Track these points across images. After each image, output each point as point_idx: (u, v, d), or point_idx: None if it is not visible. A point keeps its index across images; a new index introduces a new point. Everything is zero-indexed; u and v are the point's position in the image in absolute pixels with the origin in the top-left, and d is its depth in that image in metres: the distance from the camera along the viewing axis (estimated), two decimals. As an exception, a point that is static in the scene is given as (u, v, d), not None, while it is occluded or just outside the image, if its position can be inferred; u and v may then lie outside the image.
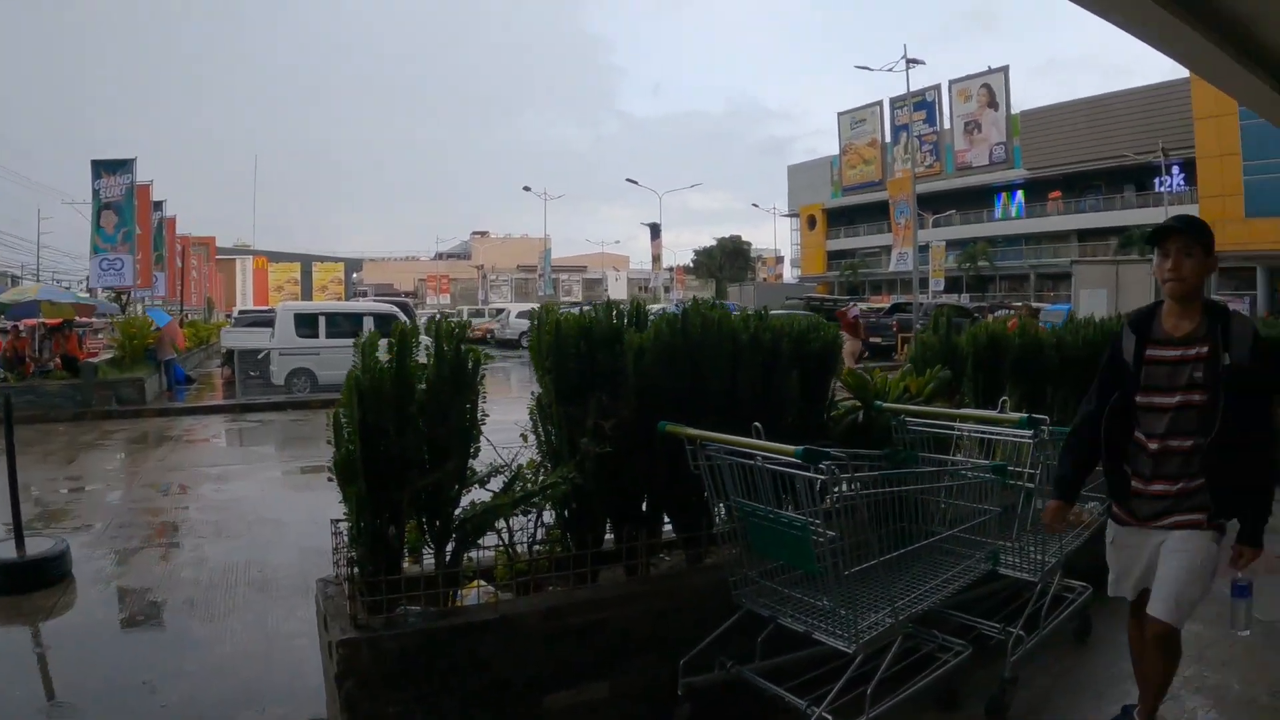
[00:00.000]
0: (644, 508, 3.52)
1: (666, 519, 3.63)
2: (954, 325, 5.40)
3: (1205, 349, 2.78)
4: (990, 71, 62.65)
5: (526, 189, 60.41)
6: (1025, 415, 3.48)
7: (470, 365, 3.06)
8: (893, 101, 62.20)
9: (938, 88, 64.57)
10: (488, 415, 3.12)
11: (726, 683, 3.19)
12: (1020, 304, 27.82)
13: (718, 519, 3.22)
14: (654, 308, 5.91)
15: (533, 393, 3.55)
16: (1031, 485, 3.46)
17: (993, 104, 62.40)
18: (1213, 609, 3.42)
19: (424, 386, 2.98)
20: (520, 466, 3.35)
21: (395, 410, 2.91)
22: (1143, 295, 18.25)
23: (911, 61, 30.68)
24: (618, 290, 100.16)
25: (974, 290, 63.37)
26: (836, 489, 2.71)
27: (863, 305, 35.86)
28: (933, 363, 4.76)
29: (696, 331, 3.45)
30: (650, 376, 3.37)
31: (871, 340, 24.80)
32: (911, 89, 37.63)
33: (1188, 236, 2.82)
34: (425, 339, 3.08)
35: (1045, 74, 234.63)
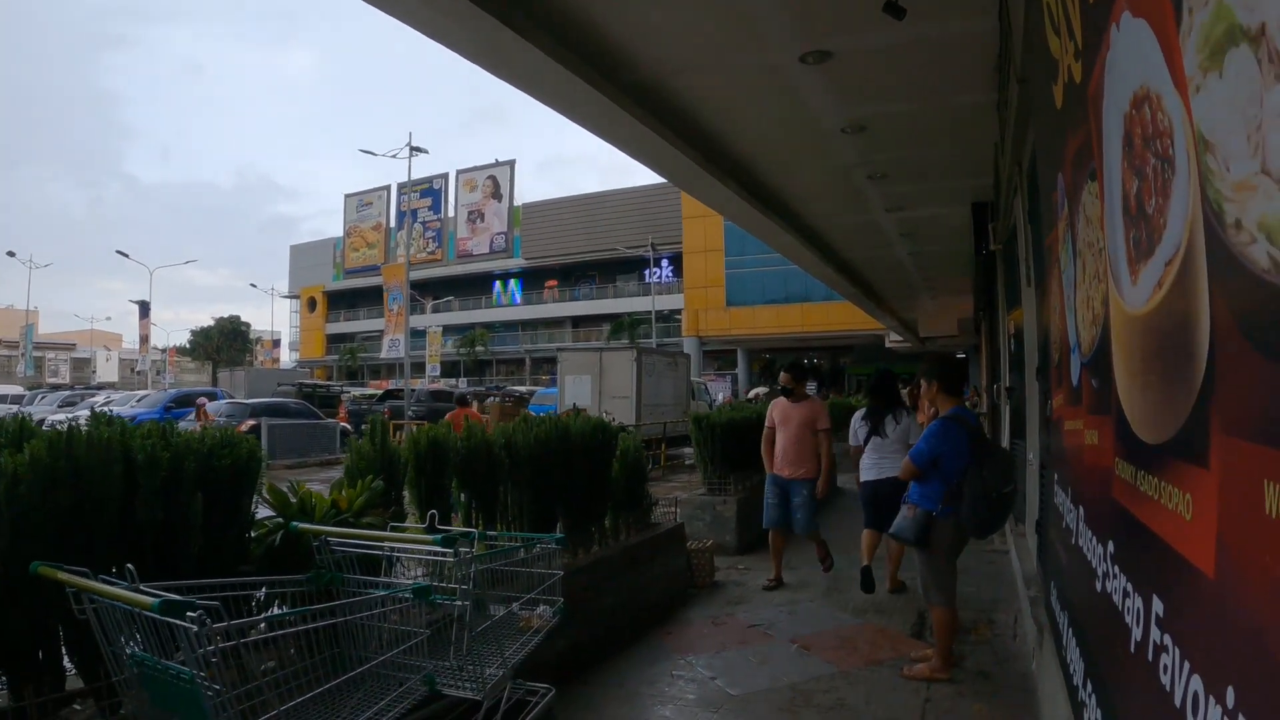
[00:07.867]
0: (41, 657, 2.97)
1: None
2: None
3: None
4: (497, 164, 66.51)
5: (11, 254, 56.23)
6: (440, 535, 3.24)
7: None
8: (400, 187, 63.10)
9: (445, 176, 66.97)
10: None
11: None
12: (503, 395, 29.26)
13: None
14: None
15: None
16: (464, 603, 3.22)
17: (497, 195, 66.11)
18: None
19: None
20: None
21: None
22: (624, 379, 20.03)
23: (416, 149, 31.30)
24: (108, 372, 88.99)
25: (472, 374, 65.81)
26: (213, 640, 2.30)
27: (355, 392, 37.85)
28: (368, 472, 4.51)
29: (82, 453, 2.92)
30: (27, 506, 2.80)
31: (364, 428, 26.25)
32: (421, 176, 38.37)
33: None
34: None
35: (549, 169, 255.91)
